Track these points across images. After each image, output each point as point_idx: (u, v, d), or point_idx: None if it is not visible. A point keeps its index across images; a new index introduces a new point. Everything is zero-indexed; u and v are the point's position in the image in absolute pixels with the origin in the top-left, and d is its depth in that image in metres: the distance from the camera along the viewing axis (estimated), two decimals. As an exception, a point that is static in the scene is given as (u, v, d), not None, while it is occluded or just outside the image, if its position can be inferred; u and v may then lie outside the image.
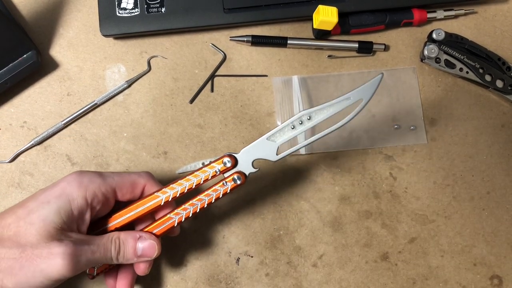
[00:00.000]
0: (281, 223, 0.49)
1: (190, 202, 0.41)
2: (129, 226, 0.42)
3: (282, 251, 0.48)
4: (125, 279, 0.42)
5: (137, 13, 0.50)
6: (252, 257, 0.48)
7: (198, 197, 0.41)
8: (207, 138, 0.50)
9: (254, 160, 0.41)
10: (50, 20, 0.52)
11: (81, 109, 0.50)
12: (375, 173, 0.50)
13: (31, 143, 0.49)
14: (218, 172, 0.41)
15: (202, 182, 0.41)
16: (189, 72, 0.51)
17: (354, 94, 0.39)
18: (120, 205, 0.41)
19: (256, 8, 0.51)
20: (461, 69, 0.50)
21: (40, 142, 0.49)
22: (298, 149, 0.41)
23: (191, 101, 0.51)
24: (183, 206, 0.41)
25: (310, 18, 0.50)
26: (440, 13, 0.52)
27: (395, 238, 0.49)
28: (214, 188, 0.41)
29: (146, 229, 0.41)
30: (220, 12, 0.51)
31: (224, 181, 0.41)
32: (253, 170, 0.41)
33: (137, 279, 0.46)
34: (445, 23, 0.53)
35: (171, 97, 0.51)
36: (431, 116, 0.51)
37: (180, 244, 0.48)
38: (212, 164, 0.41)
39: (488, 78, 0.50)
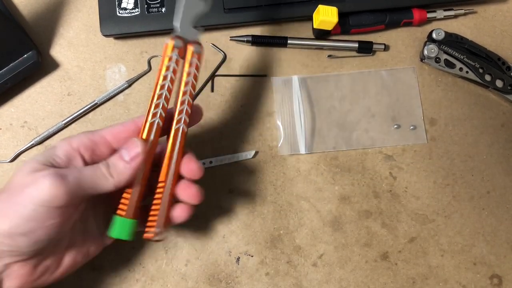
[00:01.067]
0: (281, 222, 0.49)
1: (180, 100, 0.39)
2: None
3: (282, 251, 0.48)
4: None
5: (138, 13, 0.50)
6: (252, 256, 0.48)
7: (181, 91, 0.39)
8: (207, 138, 0.50)
9: (192, 23, 0.40)
10: (50, 20, 0.52)
11: (81, 109, 0.50)
12: (375, 172, 0.50)
13: (31, 143, 0.49)
14: (177, 58, 0.38)
15: (173, 77, 0.38)
16: (189, 72, 0.51)
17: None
18: None
19: (256, 8, 0.51)
20: (461, 69, 0.51)
21: (40, 142, 0.49)
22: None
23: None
24: (178, 109, 0.39)
25: (310, 18, 0.50)
26: (440, 13, 0.52)
27: (395, 238, 0.49)
28: (186, 72, 0.39)
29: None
30: (220, 12, 0.51)
31: (188, 61, 0.39)
32: (199, 31, 0.40)
33: (137, 279, 0.47)
34: (445, 23, 0.54)
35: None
36: (431, 116, 0.51)
37: (181, 244, 0.48)
38: (166, 57, 0.38)
39: (488, 78, 0.50)
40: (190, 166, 0.40)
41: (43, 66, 0.50)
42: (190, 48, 0.39)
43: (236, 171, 0.49)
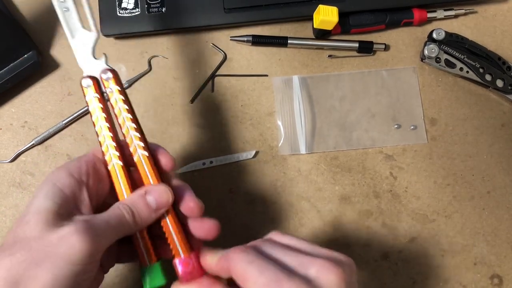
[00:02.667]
0: (281, 222, 0.49)
1: (124, 130, 0.37)
2: None
3: (283, 251, 0.48)
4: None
5: (138, 13, 0.50)
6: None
7: (121, 123, 0.37)
8: (208, 137, 0.50)
9: (91, 55, 0.38)
10: (50, 20, 0.52)
11: (81, 109, 0.50)
12: (375, 172, 0.50)
13: (32, 142, 0.49)
14: (97, 95, 0.37)
15: (102, 111, 0.37)
16: (190, 72, 0.51)
17: None
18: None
19: (256, 8, 0.51)
20: (461, 69, 0.50)
21: (41, 142, 0.49)
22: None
23: (192, 101, 0.51)
24: (128, 140, 0.37)
25: (310, 18, 0.50)
26: (440, 13, 0.52)
27: (395, 238, 0.49)
28: (112, 102, 0.37)
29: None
30: (220, 12, 0.51)
31: (108, 90, 0.37)
32: (100, 58, 0.38)
33: (137, 278, 0.47)
34: (445, 23, 0.54)
35: (172, 97, 0.51)
36: (431, 115, 0.51)
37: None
38: (87, 102, 0.37)
39: (488, 77, 0.50)
40: (188, 205, 0.37)
41: (43, 66, 0.50)
42: (102, 78, 0.37)
43: (236, 171, 0.49)
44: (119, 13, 0.50)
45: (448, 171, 0.50)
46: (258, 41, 0.51)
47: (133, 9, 0.50)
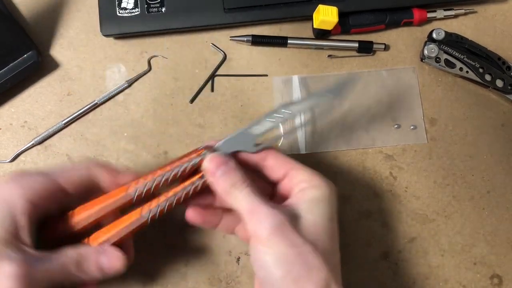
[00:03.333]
0: (281, 222, 0.49)
1: (164, 196, 0.38)
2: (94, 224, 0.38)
3: (282, 251, 0.48)
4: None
5: (137, 13, 0.50)
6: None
7: (174, 190, 0.38)
8: (208, 137, 0.50)
9: (231, 152, 0.39)
10: (50, 20, 0.52)
11: (81, 108, 0.50)
12: (375, 172, 0.50)
13: (31, 142, 0.49)
14: (196, 165, 0.38)
15: (178, 176, 0.38)
16: (190, 72, 0.51)
17: (330, 90, 0.40)
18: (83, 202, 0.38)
19: (256, 8, 0.51)
20: (461, 69, 0.50)
21: (40, 142, 0.49)
22: (276, 141, 0.40)
23: (192, 101, 0.51)
24: (156, 201, 0.38)
25: (310, 18, 0.50)
26: (440, 13, 0.52)
27: (395, 238, 0.49)
28: (191, 180, 0.38)
29: (112, 225, 0.37)
30: (220, 12, 0.51)
31: (203, 174, 0.38)
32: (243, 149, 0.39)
33: (137, 279, 0.47)
34: (445, 23, 0.54)
35: (172, 96, 0.51)
36: (431, 115, 0.51)
37: (181, 244, 0.48)
38: (190, 157, 0.38)
39: (488, 77, 0.50)
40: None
41: (43, 66, 0.50)
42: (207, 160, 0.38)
43: (236, 171, 0.49)
44: (119, 13, 0.50)
45: (448, 171, 0.50)
46: (258, 41, 0.51)
47: (132, 9, 0.50)
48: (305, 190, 0.37)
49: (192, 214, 0.40)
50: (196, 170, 0.39)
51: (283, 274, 0.33)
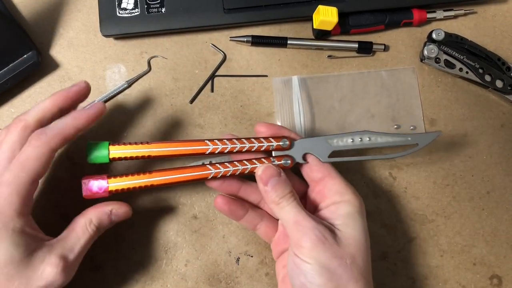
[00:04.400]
0: (281, 223, 0.49)
1: (234, 162, 0.41)
2: None
3: (282, 251, 0.48)
4: None
5: (137, 13, 0.50)
6: (252, 256, 0.48)
7: (243, 161, 0.41)
8: (207, 138, 0.50)
9: (306, 153, 0.42)
10: (50, 20, 0.52)
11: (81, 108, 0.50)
12: (375, 172, 0.50)
13: (31, 143, 0.49)
14: (272, 148, 0.41)
15: (254, 149, 0.41)
16: (189, 72, 0.51)
17: (414, 137, 0.42)
18: None
19: (256, 8, 0.51)
20: (460, 69, 0.51)
21: (40, 142, 0.49)
22: (348, 161, 0.43)
23: (191, 101, 0.51)
24: (224, 163, 0.41)
25: (310, 18, 0.50)
26: (439, 13, 0.52)
27: (395, 238, 0.49)
28: (260, 159, 0.41)
29: (179, 170, 0.41)
30: (220, 12, 0.51)
31: (273, 158, 0.41)
32: (302, 161, 0.42)
33: (137, 279, 0.47)
34: (444, 23, 0.54)
35: (171, 97, 0.51)
36: (431, 116, 0.51)
37: (180, 244, 0.48)
38: (269, 138, 0.42)
39: (487, 78, 0.50)
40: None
41: (43, 66, 0.50)
42: (285, 157, 0.42)
43: (236, 171, 0.49)
44: (119, 13, 0.50)
45: (447, 171, 0.50)
46: (257, 41, 0.51)
47: (132, 9, 0.50)
48: (339, 204, 0.40)
49: (220, 202, 0.43)
50: (270, 152, 0.42)
51: (323, 282, 0.36)
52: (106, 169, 0.48)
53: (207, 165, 0.41)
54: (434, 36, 0.50)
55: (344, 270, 0.36)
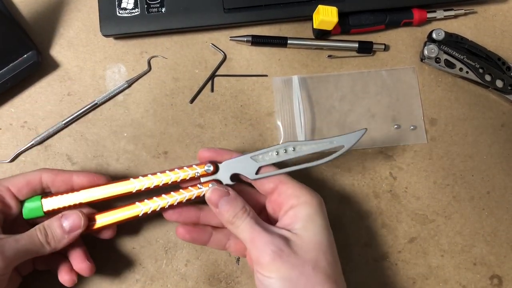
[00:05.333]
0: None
1: (162, 196, 0.41)
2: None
3: (282, 251, 0.48)
4: (78, 253, 0.42)
5: (137, 13, 0.50)
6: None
7: (171, 193, 0.41)
8: (208, 138, 0.50)
9: (233, 174, 0.42)
10: (50, 20, 0.52)
11: (81, 109, 0.50)
12: (375, 172, 0.50)
13: (31, 143, 0.49)
14: (197, 175, 0.42)
15: (179, 180, 0.42)
16: (189, 72, 0.51)
17: (338, 139, 0.42)
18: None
19: (256, 8, 0.51)
20: (461, 69, 0.50)
21: (40, 142, 0.49)
22: (274, 175, 0.42)
23: (191, 101, 0.51)
24: (153, 198, 0.41)
25: (310, 18, 0.50)
26: (440, 13, 0.52)
27: (395, 238, 0.49)
28: (188, 188, 0.41)
29: (107, 212, 0.42)
30: (220, 12, 0.51)
31: (199, 184, 0.42)
32: (230, 182, 0.42)
33: (137, 279, 0.47)
34: (445, 23, 0.54)
35: (171, 97, 0.51)
36: (431, 116, 0.51)
37: (181, 244, 0.48)
38: (193, 166, 0.42)
39: (488, 78, 0.50)
40: (81, 266, 0.41)
41: (43, 66, 0.50)
42: (211, 182, 0.42)
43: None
44: (119, 13, 0.50)
45: (447, 171, 0.50)
46: (257, 41, 0.51)
47: (132, 9, 0.50)
48: (296, 208, 0.40)
49: (182, 232, 0.43)
50: (198, 178, 0.42)
51: None
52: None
53: (137, 203, 0.41)
54: (434, 36, 0.50)
55: (307, 278, 0.36)
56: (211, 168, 0.41)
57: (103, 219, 0.41)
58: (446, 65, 0.50)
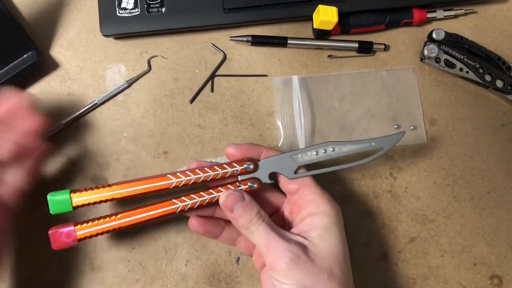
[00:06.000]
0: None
1: (199, 193, 0.41)
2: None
3: (282, 251, 0.48)
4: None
5: (137, 13, 0.50)
6: (252, 256, 0.48)
7: (209, 190, 0.41)
8: (208, 138, 0.50)
9: (271, 172, 0.42)
10: (50, 20, 0.52)
11: (81, 108, 0.50)
12: (375, 172, 0.50)
13: (31, 143, 0.49)
14: (237, 173, 0.41)
15: (218, 177, 0.41)
16: (189, 72, 0.51)
17: (377, 141, 0.42)
18: None
19: (256, 8, 0.51)
20: (461, 69, 0.50)
21: (40, 142, 0.49)
22: (315, 174, 0.42)
23: (191, 101, 0.51)
24: (190, 195, 0.41)
25: (310, 18, 0.50)
26: (440, 13, 0.52)
27: (395, 238, 0.49)
28: (227, 186, 0.41)
29: (145, 208, 0.41)
30: (220, 12, 0.51)
31: (238, 183, 0.41)
32: (268, 181, 0.42)
33: (137, 279, 0.47)
34: (445, 23, 0.54)
35: (171, 97, 0.51)
36: (431, 116, 0.51)
37: (181, 244, 0.48)
38: (233, 164, 0.41)
39: (488, 78, 0.50)
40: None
41: (43, 66, 0.50)
42: (250, 180, 0.41)
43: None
44: (119, 13, 0.50)
45: (447, 171, 0.50)
46: (257, 41, 0.51)
47: (132, 9, 0.50)
48: (315, 216, 0.40)
49: (195, 224, 0.42)
50: (236, 176, 0.42)
51: None
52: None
53: (173, 200, 0.41)
54: (434, 35, 0.50)
55: (322, 286, 0.36)
56: (251, 166, 0.41)
57: (133, 217, 0.41)
58: (446, 65, 0.50)
